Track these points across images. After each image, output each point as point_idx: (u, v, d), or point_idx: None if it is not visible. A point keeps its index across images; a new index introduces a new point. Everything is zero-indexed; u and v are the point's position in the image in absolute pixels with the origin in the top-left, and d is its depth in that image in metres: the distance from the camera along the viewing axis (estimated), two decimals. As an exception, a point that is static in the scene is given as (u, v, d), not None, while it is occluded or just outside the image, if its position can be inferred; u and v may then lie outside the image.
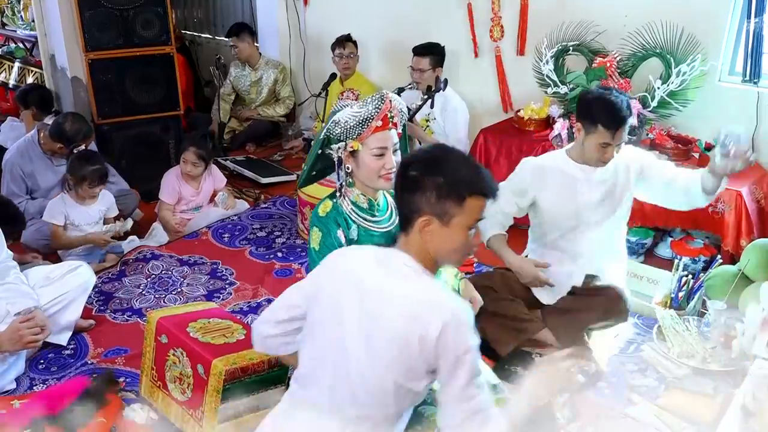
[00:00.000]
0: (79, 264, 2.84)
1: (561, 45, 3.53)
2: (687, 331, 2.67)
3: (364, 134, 1.97)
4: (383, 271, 1.52)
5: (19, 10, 5.77)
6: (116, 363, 2.65)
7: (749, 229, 3.00)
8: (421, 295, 1.48)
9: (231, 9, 5.94)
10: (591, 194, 2.52)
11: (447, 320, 1.41)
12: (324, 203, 2.07)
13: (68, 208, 3.31)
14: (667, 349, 2.61)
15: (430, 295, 1.49)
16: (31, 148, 3.58)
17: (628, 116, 2.39)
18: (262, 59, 5.05)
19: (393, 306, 1.46)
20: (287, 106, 5.15)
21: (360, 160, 2.01)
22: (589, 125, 2.42)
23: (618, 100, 2.37)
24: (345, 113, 1.99)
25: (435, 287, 1.55)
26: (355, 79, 4.60)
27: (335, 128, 1.99)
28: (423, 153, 1.62)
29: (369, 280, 1.52)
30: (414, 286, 1.50)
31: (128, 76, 4.11)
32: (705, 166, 3.16)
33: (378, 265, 1.54)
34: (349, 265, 1.59)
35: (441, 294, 1.52)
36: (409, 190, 1.52)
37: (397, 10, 4.55)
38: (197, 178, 3.80)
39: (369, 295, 1.50)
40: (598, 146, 2.42)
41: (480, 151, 3.76)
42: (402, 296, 1.47)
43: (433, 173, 1.50)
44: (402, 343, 1.44)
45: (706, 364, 2.53)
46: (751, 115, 3.26)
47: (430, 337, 1.41)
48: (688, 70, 3.20)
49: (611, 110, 2.36)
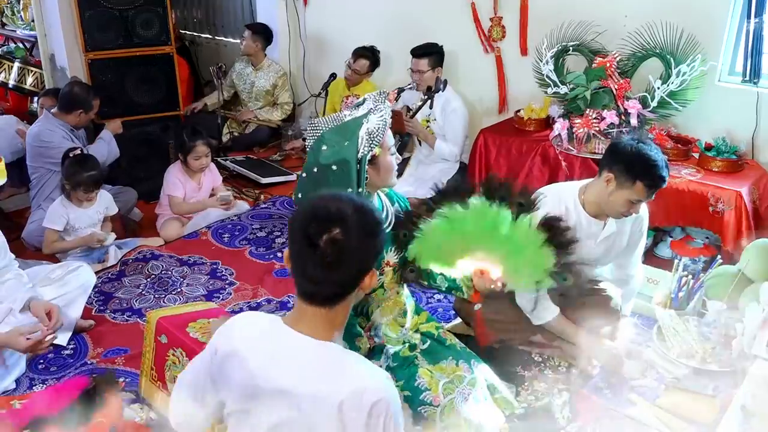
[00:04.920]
0: (79, 264, 2.84)
1: (561, 45, 3.53)
2: (687, 331, 2.67)
3: (384, 136, 1.91)
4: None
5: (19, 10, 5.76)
6: (116, 363, 2.65)
7: (749, 229, 3.00)
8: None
9: (231, 9, 5.94)
10: (597, 249, 2.49)
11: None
12: None
13: (68, 211, 3.32)
14: (667, 349, 2.61)
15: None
16: (51, 120, 3.59)
17: (668, 176, 2.27)
18: (266, 61, 5.05)
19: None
20: (285, 112, 5.13)
21: (381, 164, 1.94)
22: (625, 180, 2.27)
23: (660, 159, 2.25)
24: (374, 122, 1.88)
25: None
26: (363, 87, 4.54)
27: (372, 140, 1.86)
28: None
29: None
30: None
31: (128, 76, 4.12)
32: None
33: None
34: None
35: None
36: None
37: (398, 10, 4.55)
38: (198, 174, 3.81)
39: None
40: (628, 202, 2.30)
41: (480, 151, 3.75)
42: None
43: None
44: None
45: (706, 364, 2.53)
46: (750, 115, 3.26)
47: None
48: (688, 70, 3.20)
49: (654, 170, 2.24)
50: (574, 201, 2.42)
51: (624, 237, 2.52)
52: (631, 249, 2.59)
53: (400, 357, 2.09)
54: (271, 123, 5.08)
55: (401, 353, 2.11)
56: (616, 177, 2.29)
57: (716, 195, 3.01)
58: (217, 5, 6.05)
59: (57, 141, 3.50)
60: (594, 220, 2.43)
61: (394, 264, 2.09)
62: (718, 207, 3.01)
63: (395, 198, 2.19)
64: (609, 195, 2.33)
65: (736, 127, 3.33)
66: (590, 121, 3.36)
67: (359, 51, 4.49)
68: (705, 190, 3.04)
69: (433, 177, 4.06)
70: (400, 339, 2.16)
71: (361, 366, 1.38)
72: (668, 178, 2.28)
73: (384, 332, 2.12)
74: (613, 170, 2.30)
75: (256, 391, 1.36)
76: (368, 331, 2.12)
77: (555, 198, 2.41)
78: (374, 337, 2.13)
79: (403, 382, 2.03)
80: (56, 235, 3.31)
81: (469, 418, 1.94)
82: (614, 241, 2.50)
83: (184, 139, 3.70)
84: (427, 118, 4.03)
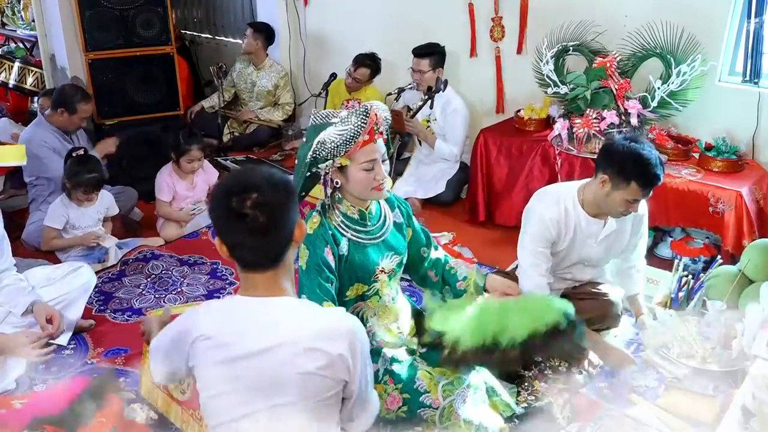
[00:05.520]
0: (80, 265, 2.84)
1: (561, 45, 3.53)
2: (687, 331, 2.67)
3: (351, 150, 1.89)
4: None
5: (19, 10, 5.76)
6: (116, 363, 2.65)
7: (750, 229, 3.00)
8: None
9: (231, 9, 5.94)
10: (598, 248, 2.50)
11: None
12: (312, 218, 1.99)
13: (69, 210, 3.32)
14: (667, 349, 2.61)
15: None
16: (43, 125, 3.58)
17: (662, 174, 2.27)
18: (268, 61, 5.05)
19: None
20: (286, 112, 5.13)
21: (350, 175, 1.94)
22: (620, 181, 2.28)
23: (653, 157, 2.25)
24: (329, 133, 1.88)
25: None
26: (364, 92, 4.53)
27: (322, 150, 1.89)
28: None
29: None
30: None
31: (128, 76, 4.12)
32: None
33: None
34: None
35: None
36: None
37: (398, 10, 4.55)
38: (190, 174, 3.79)
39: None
40: (625, 202, 2.31)
41: (480, 150, 3.75)
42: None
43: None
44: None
45: (706, 364, 2.53)
46: (751, 115, 3.26)
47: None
48: (688, 71, 3.20)
49: (647, 168, 2.24)
50: (573, 201, 2.43)
51: (624, 235, 2.53)
52: (633, 245, 2.60)
53: (398, 360, 2.09)
54: (272, 123, 5.08)
55: (399, 357, 2.10)
56: (610, 178, 2.30)
57: (716, 195, 3.00)
58: (218, 5, 6.05)
59: (44, 154, 3.50)
60: (594, 220, 2.43)
61: (390, 270, 2.08)
62: (718, 207, 3.01)
63: (396, 203, 2.19)
64: (606, 196, 2.33)
65: (736, 127, 3.33)
66: (590, 121, 3.36)
67: (360, 59, 4.44)
68: (705, 190, 3.04)
69: (433, 177, 4.07)
70: (397, 343, 2.15)
71: (320, 308, 1.60)
72: (663, 175, 2.28)
73: (381, 337, 2.11)
74: (607, 172, 2.30)
75: (238, 361, 1.46)
76: None
77: (554, 199, 2.42)
78: (371, 341, 2.12)
79: (402, 384, 2.02)
80: (55, 233, 3.31)
81: (468, 420, 1.94)
82: (614, 240, 2.51)
83: (180, 141, 3.66)
84: (428, 118, 4.03)
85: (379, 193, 1.98)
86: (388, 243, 2.07)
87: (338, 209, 2.01)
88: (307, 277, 1.93)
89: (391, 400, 2.01)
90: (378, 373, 2.04)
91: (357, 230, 2.01)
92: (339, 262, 1.97)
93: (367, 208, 2.04)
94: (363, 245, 2.01)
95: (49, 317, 2.46)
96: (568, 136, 3.46)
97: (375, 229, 2.05)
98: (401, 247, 2.11)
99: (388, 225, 2.09)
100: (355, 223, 2.01)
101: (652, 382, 2.50)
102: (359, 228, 2.02)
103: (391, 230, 2.10)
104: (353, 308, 2.06)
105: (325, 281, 1.92)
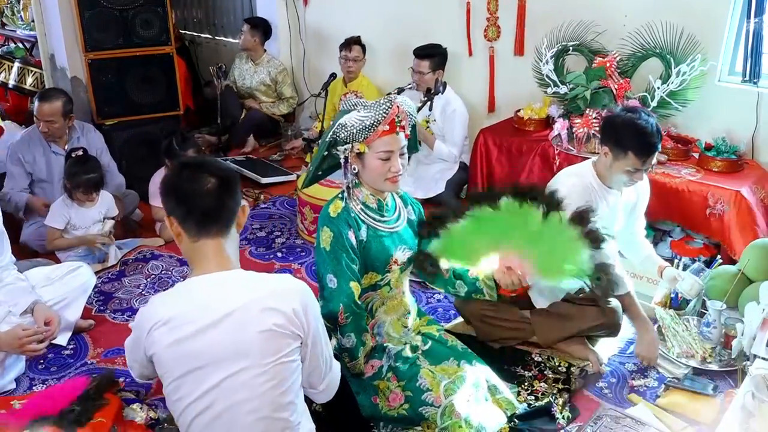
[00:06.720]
0: (79, 265, 2.84)
1: (561, 45, 3.53)
2: (687, 331, 2.67)
3: (370, 138, 1.96)
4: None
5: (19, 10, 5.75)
6: (116, 363, 2.65)
7: (751, 229, 2.99)
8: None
9: (231, 9, 5.94)
10: (620, 218, 2.54)
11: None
12: (334, 203, 2.05)
13: (70, 211, 3.32)
14: (667, 349, 2.62)
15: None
16: (33, 133, 3.56)
17: (659, 142, 2.32)
18: (265, 56, 5.05)
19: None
20: (290, 105, 5.16)
21: (366, 162, 2.01)
22: (618, 151, 2.35)
23: (648, 125, 2.30)
24: (352, 117, 1.96)
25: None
26: (359, 83, 4.56)
27: (342, 131, 1.97)
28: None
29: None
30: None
31: (128, 76, 4.11)
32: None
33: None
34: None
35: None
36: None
37: (398, 9, 4.54)
38: None
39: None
40: (627, 172, 2.37)
41: (481, 150, 3.75)
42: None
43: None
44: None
45: (706, 364, 2.53)
46: (750, 115, 3.25)
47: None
48: (687, 70, 3.20)
49: (643, 137, 2.29)
50: (593, 176, 2.50)
51: (640, 202, 2.62)
52: (639, 212, 2.69)
53: (402, 357, 2.10)
54: (275, 115, 5.10)
55: (403, 353, 2.11)
56: (611, 150, 2.38)
57: (716, 195, 3.00)
58: (217, 5, 6.05)
59: (9, 168, 3.50)
60: (612, 191, 2.50)
61: (403, 263, 2.10)
62: (717, 207, 3.00)
63: (409, 201, 2.23)
64: (609, 167, 2.42)
65: (736, 127, 3.33)
66: (590, 121, 3.37)
67: (348, 41, 4.49)
68: (705, 190, 3.04)
69: (432, 177, 4.07)
70: (401, 339, 2.16)
71: (269, 275, 1.71)
72: (660, 143, 2.35)
73: (386, 331, 2.14)
74: (608, 144, 2.39)
75: (199, 334, 1.53)
76: (371, 329, 2.13)
77: (578, 177, 2.49)
78: (376, 335, 2.14)
79: (405, 382, 2.04)
80: (58, 233, 3.31)
81: (469, 419, 1.95)
82: (633, 208, 2.59)
83: (173, 146, 3.60)
84: (427, 119, 4.03)
85: (392, 185, 2.03)
86: (402, 236, 2.11)
87: (358, 197, 2.06)
88: (331, 258, 1.97)
89: (394, 397, 2.03)
90: (382, 369, 2.08)
91: (375, 219, 2.07)
92: (358, 247, 2.02)
93: (384, 198, 2.10)
94: (380, 234, 2.06)
95: (48, 320, 2.46)
96: (567, 136, 3.46)
97: (391, 220, 2.10)
98: (413, 242, 2.15)
99: (402, 218, 2.14)
100: (372, 211, 2.07)
101: (652, 382, 2.51)
102: (377, 217, 2.07)
103: (405, 225, 2.14)
104: (363, 298, 2.09)
105: (351, 262, 1.98)
